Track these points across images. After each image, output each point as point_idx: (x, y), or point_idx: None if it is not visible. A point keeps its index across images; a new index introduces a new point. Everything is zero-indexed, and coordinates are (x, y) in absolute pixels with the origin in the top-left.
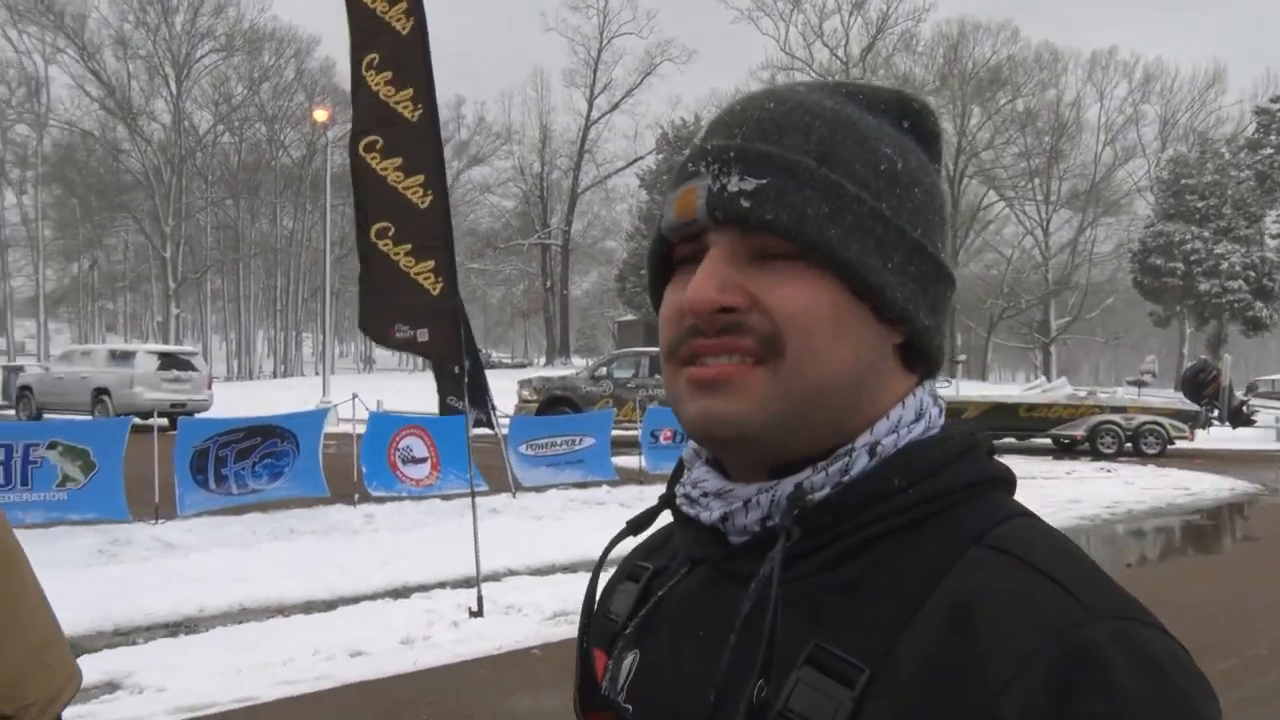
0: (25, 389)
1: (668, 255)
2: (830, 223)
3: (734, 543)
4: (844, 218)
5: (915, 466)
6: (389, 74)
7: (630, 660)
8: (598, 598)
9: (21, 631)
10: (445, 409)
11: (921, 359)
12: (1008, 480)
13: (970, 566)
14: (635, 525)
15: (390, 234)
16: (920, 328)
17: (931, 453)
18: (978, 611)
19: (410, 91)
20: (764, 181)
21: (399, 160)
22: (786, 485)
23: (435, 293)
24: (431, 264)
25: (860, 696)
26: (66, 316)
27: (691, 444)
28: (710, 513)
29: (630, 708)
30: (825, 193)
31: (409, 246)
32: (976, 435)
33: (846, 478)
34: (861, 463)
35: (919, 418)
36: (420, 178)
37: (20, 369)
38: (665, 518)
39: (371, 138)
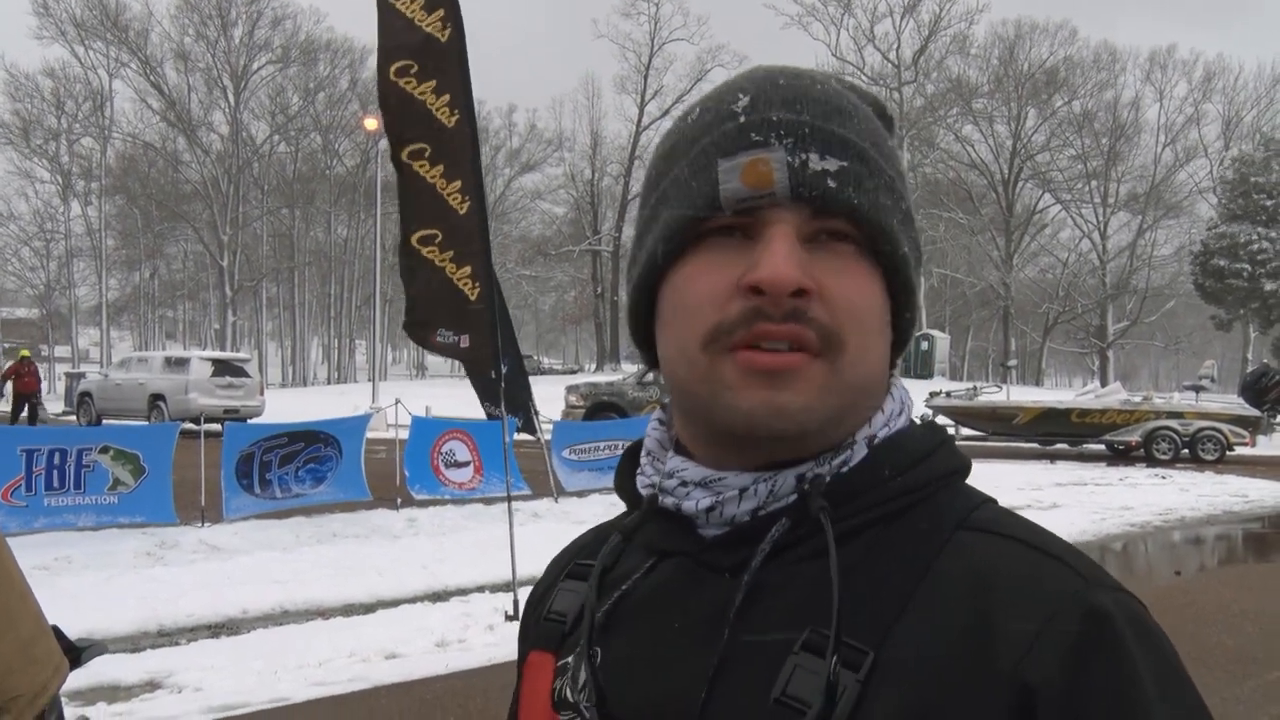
0: (85, 395)
1: (688, 229)
2: (891, 214)
3: (707, 535)
4: (898, 211)
5: (903, 457)
6: (432, 82)
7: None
8: (528, 601)
9: (9, 627)
10: (490, 415)
11: (899, 354)
12: (969, 470)
13: (963, 547)
14: (626, 533)
15: (436, 241)
16: (914, 328)
17: (917, 443)
18: (987, 586)
19: (448, 97)
20: (844, 164)
21: (442, 167)
22: (787, 475)
23: (473, 298)
24: (470, 269)
25: (865, 679)
26: (128, 324)
27: (655, 433)
28: (695, 502)
29: (595, 709)
30: (886, 184)
31: (451, 253)
32: (945, 428)
33: (845, 468)
34: (860, 454)
35: (902, 410)
36: (459, 183)
37: (82, 376)
38: (594, 519)
39: (418, 145)
